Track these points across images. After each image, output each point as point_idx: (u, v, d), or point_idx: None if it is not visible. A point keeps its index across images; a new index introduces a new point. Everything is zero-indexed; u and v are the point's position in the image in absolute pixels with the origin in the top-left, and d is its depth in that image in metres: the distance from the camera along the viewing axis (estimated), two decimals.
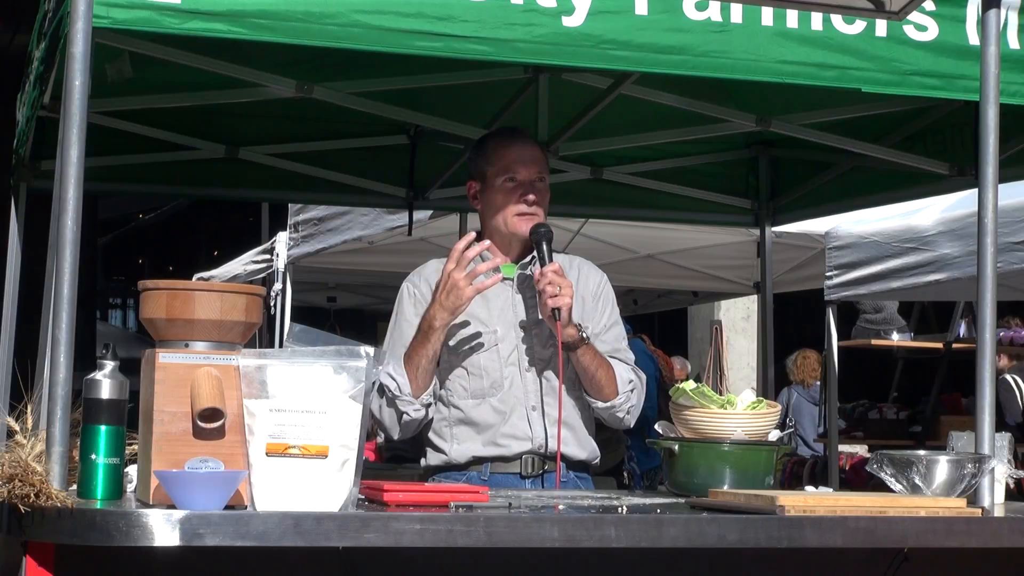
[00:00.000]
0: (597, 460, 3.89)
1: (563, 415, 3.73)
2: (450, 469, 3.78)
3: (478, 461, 3.75)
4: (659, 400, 7.44)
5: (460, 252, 3.62)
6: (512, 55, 3.22)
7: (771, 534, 2.81)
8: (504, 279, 3.78)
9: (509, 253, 3.83)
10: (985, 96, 3.23)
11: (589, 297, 3.86)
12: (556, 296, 3.62)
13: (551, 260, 3.69)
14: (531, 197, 3.77)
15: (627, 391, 3.81)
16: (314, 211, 8.37)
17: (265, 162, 5.57)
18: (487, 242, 3.76)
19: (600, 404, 3.79)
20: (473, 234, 3.73)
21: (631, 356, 3.91)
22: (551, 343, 3.74)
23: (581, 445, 3.81)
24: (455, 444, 3.76)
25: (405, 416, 3.69)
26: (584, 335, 3.71)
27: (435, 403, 3.78)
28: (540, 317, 3.72)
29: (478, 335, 3.76)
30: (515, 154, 3.81)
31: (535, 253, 3.77)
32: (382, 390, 3.66)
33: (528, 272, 3.80)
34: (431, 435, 3.81)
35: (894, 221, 7.09)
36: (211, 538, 2.53)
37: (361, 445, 2.73)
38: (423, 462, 3.86)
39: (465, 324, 3.76)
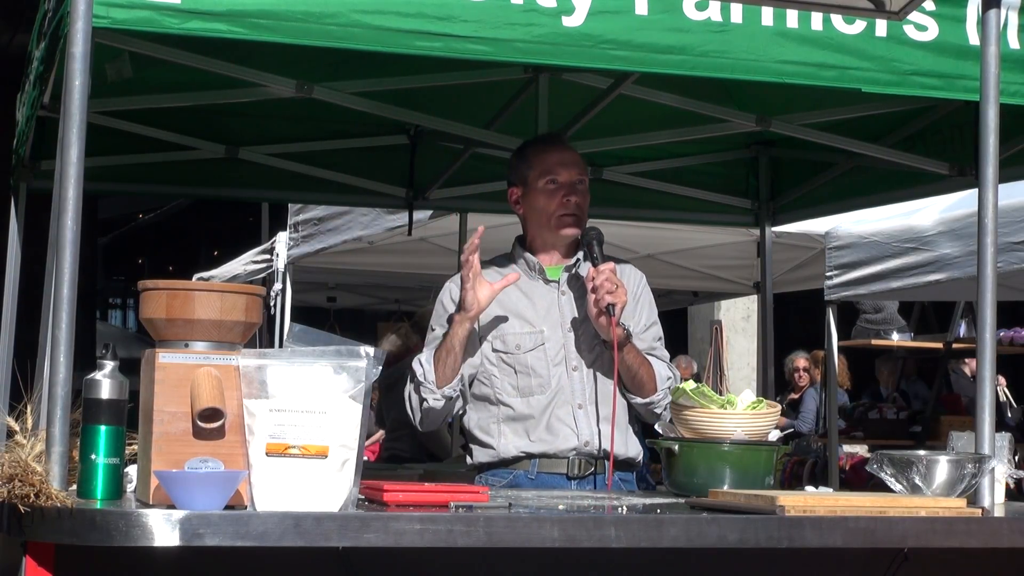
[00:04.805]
0: (640, 457, 3.93)
1: (614, 414, 3.78)
2: (499, 465, 3.83)
3: (527, 457, 3.80)
4: None
5: (466, 259, 3.67)
6: (512, 55, 3.22)
7: (771, 534, 2.81)
8: (549, 281, 3.87)
9: (554, 255, 3.90)
10: (985, 96, 3.23)
11: (631, 297, 3.90)
12: (613, 292, 3.66)
13: (604, 260, 3.75)
14: (573, 199, 3.85)
15: (665, 388, 3.86)
16: (314, 211, 8.37)
17: (265, 162, 5.58)
18: (480, 228, 3.75)
19: (640, 400, 3.84)
20: (481, 229, 3.73)
21: (666, 354, 3.98)
22: (596, 343, 3.80)
23: (627, 444, 3.86)
24: (502, 439, 3.82)
25: (425, 404, 3.75)
26: (629, 333, 3.76)
27: (461, 399, 3.83)
28: (586, 317, 3.77)
29: (525, 335, 3.82)
30: (556, 157, 3.89)
31: (580, 254, 3.87)
32: (413, 375, 3.76)
33: (574, 273, 3.87)
34: (478, 432, 3.86)
35: (894, 221, 7.09)
36: (211, 538, 2.53)
37: (361, 445, 2.73)
38: (469, 460, 3.92)
39: (512, 324, 3.83)
